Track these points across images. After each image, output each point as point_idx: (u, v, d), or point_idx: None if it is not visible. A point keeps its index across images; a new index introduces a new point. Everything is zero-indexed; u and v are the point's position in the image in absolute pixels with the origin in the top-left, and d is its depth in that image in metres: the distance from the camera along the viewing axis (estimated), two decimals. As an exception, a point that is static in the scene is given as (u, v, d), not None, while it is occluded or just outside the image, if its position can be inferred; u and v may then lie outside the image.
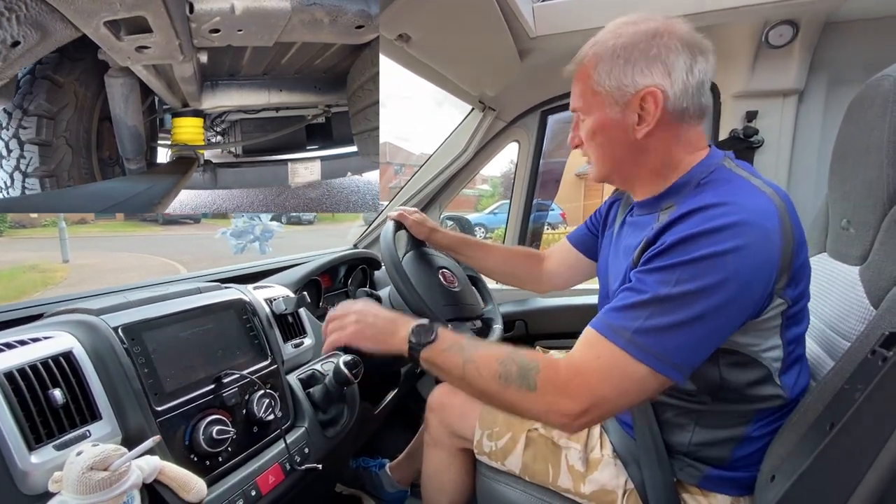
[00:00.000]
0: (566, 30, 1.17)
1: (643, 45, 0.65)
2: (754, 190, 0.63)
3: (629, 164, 0.72)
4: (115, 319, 0.70)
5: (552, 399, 0.60)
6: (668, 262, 0.58)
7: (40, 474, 0.55)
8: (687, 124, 0.68)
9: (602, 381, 0.58)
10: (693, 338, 0.57)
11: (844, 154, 0.76)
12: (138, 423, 0.64)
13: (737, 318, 0.59)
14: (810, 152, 1.25)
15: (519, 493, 0.87)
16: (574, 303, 1.67)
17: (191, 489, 0.63)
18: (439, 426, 1.00)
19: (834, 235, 0.81)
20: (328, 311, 0.83)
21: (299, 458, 0.82)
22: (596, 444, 0.83)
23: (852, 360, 0.59)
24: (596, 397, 0.58)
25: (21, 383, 0.57)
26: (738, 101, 1.29)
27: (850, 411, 0.52)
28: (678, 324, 0.56)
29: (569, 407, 0.59)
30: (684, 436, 0.74)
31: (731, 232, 0.56)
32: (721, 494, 0.73)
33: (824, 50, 1.19)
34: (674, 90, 0.64)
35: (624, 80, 0.66)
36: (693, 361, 0.58)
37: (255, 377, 0.81)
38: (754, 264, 0.57)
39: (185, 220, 13.46)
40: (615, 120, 0.68)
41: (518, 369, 0.62)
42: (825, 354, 0.75)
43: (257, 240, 1.32)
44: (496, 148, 1.72)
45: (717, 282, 0.55)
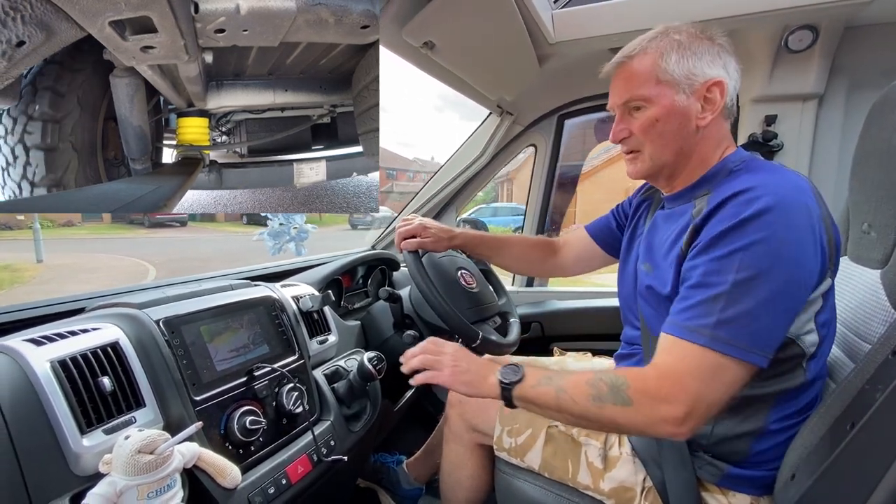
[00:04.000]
0: (585, 36, 1.19)
1: (707, 43, 0.71)
2: (785, 170, 0.68)
3: (685, 153, 0.74)
4: (156, 313, 0.73)
5: (650, 409, 0.61)
6: (724, 251, 0.61)
7: (91, 457, 0.59)
8: (727, 120, 0.75)
9: (695, 380, 0.59)
10: (768, 321, 0.59)
11: (865, 158, 0.77)
12: (178, 411, 0.68)
13: (802, 294, 0.61)
14: (830, 156, 1.25)
15: (538, 489, 0.88)
16: (590, 305, 1.68)
17: (227, 475, 0.67)
18: (459, 421, 1.02)
19: (855, 239, 0.81)
20: (347, 307, 0.85)
21: (325, 450, 0.85)
22: (615, 442, 0.85)
23: (873, 361, 0.59)
24: (692, 398, 0.59)
25: (73, 371, 0.61)
26: (757, 105, 1.29)
27: (871, 411, 0.53)
28: (751, 310, 0.58)
29: (670, 412, 0.59)
30: (705, 428, 0.74)
31: (776, 213, 0.59)
32: (741, 493, 0.74)
33: (844, 54, 1.18)
34: (731, 84, 0.71)
35: (694, 69, 0.70)
36: (774, 344, 0.60)
37: (284, 371, 0.84)
38: (801, 240, 0.60)
39: (172, 223, 13.67)
40: (682, 107, 0.71)
41: (609, 388, 0.64)
42: (846, 357, 0.76)
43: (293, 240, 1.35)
44: (513, 152, 1.75)
45: (775, 263, 0.58)
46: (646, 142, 0.75)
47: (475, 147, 1.68)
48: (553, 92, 1.59)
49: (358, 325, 1.19)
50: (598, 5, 1.15)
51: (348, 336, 1.13)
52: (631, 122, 0.76)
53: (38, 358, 0.60)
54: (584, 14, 1.17)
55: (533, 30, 1.12)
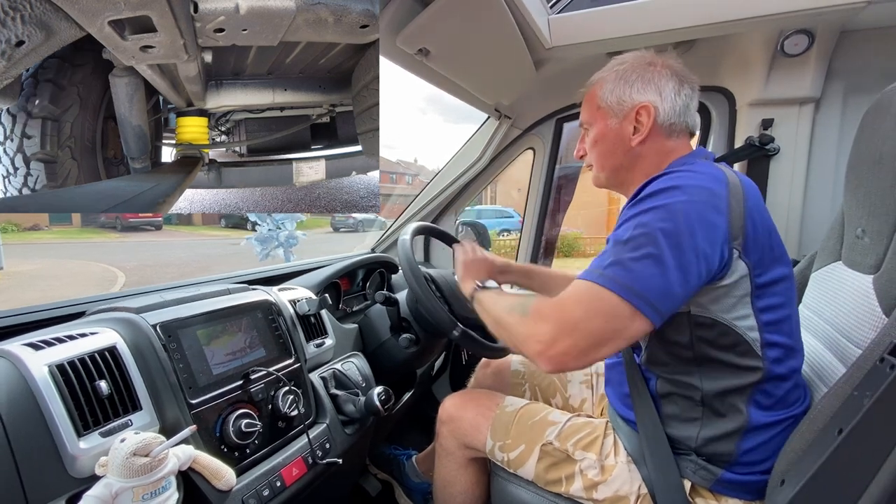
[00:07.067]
0: (581, 41, 1.19)
1: (640, 71, 0.81)
2: (708, 165, 0.74)
3: (625, 168, 0.84)
4: (153, 317, 0.75)
5: (531, 324, 0.69)
6: (625, 219, 0.69)
7: (87, 459, 0.60)
8: (676, 138, 0.81)
9: (575, 305, 0.65)
10: (651, 271, 0.63)
11: (859, 164, 0.77)
12: (174, 415, 0.69)
13: (696, 264, 0.64)
14: (827, 160, 1.25)
15: (532, 494, 0.89)
16: None
17: (222, 477, 0.68)
18: (450, 438, 1.02)
19: (849, 244, 0.81)
20: (345, 310, 0.86)
21: (321, 453, 0.85)
22: (610, 451, 0.85)
23: (862, 367, 0.60)
24: (565, 321, 0.65)
25: (71, 375, 0.62)
26: (754, 109, 1.29)
27: (858, 417, 0.53)
28: (639, 258, 0.64)
29: (542, 330, 0.66)
30: (691, 430, 0.76)
31: (675, 190, 0.67)
32: (733, 498, 0.74)
33: (840, 58, 1.18)
34: (664, 107, 0.79)
35: (623, 96, 0.81)
36: (657, 297, 0.63)
37: (280, 374, 0.85)
38: (699, 213, 0.65)
39: (146, 226, 13.05)
40: (614, 130, 0.83)
41: (520, 303, 0.74)
42: (838, 362, 0.76)
43: (281, 246, 1.35)
44: (511, 155, 1.75)
45: (668, 226, 0.64)
46: (593, 158, 0.88)
47: (474, 150, 1.68)
48: (551, 96, 1.60)
49: (355, 329, 1.20)
50: (593, 10, 1.16)
51: (345, 339, 1.14)
52: (585, 140, 0.89)
53: (36, 362, 0.61)
54: (579, 19, 1.18)
55: (528, 35, 1.12)
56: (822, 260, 0.90)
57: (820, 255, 0.92)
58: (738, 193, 0.69)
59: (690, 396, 0.76)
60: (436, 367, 1.56)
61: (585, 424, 0.90)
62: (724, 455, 0.74)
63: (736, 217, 0.67)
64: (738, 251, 0.67)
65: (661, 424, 0.79)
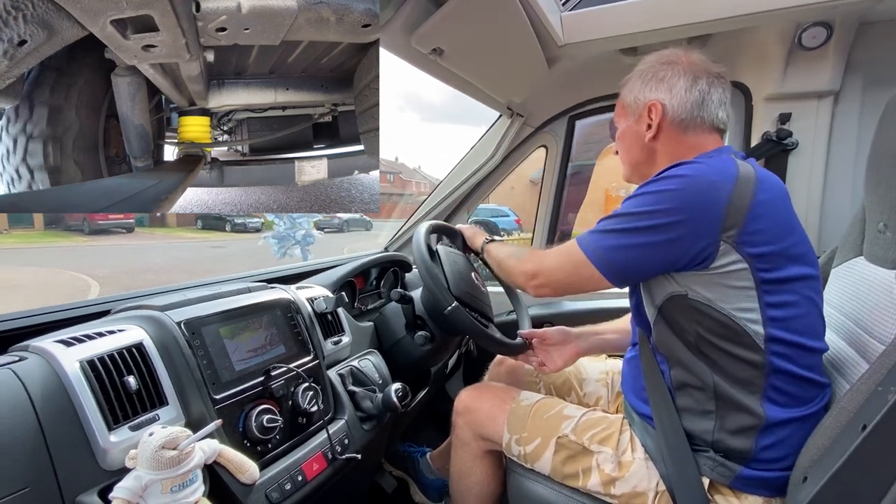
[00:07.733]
0: (594, 37, 1.19)
1: (656, 69, 0.85)
2: (721, 159, 0.75)
3: (644, 163, 0.89)
4: (177, 315, 0.76)
5: (524, 264, 0.90)
6: (626, 198, 0.77)
7: (117, 452, 0.62)
8: (694, 133, 0.83)
9: (556, 255, 0.84)
10: (622, 243, 0.75)
11: (880, 158, 0.76)
12: (199, 410, 0.71)
13: (672, 243, 0.71)
14: (847, 155, 1.23)
15: (549, 490, 0.89)
16: (602, 306, 1.67)
17: (246, 471, 0.69)
18: (466, 429, 1.03)
19: (871, 239, 0.80)
20: (360, 308, 0.87)
21: (340, 448, 0.87)
22: (627, 447, 0.85)
23: (886, 362, 0.59)
24: (546, 266, 0.85)
25: (101, 370, 0.64)
26: (771, 103, 1.27)
27: (882, 412, 0.53)
28: (614, 230, 0.76)
29: (528, 269, 0.88)
30: (708, 424, 0.76)
31: (672, 179, 0.72)
32: (753, 495, 0.74)
33: (859, 51, 1.16)
34: (672, 103, 0.82)
35: (638, 95, 0.87)
36: (623, 268, 0.76)
37: (300, 371, 0.86)
38: (687, 201, 0.71)
39: (116, 228, 11.85)
40: (632, 127, 0.89)
41: (520, 249, 0.93)
42: (859, 357, 0.75)
43: (298, 244, 1.37)
44: (523, 153, 1.75)
45: (650, 209, 0.72)
46: (620, 154, 0.95)
47: (486, 149, 1.69)
48: (563, 93, 1.59)
49: (371, 326, 1.21)
50: (606, 7, 1.15)
51: (362, 337, 1.15)
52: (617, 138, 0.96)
53: (68, 358, 0.63)
54: (592, 16, 1.17)
55: (541, 33, 1.12)
56: (843, 255, 0.88)
57: (841, 250, 0.90)
58: (746, 188, 0.70)
59: (702, 388, 0.76)
60: (449, 366, 1.57)
61: (601, 419, 0.90)
62: (742, 451, 0.73)
63: (734, 210, 0.69)
64: (729, 242, 0.69)
65: (678, 417, 0.78)
